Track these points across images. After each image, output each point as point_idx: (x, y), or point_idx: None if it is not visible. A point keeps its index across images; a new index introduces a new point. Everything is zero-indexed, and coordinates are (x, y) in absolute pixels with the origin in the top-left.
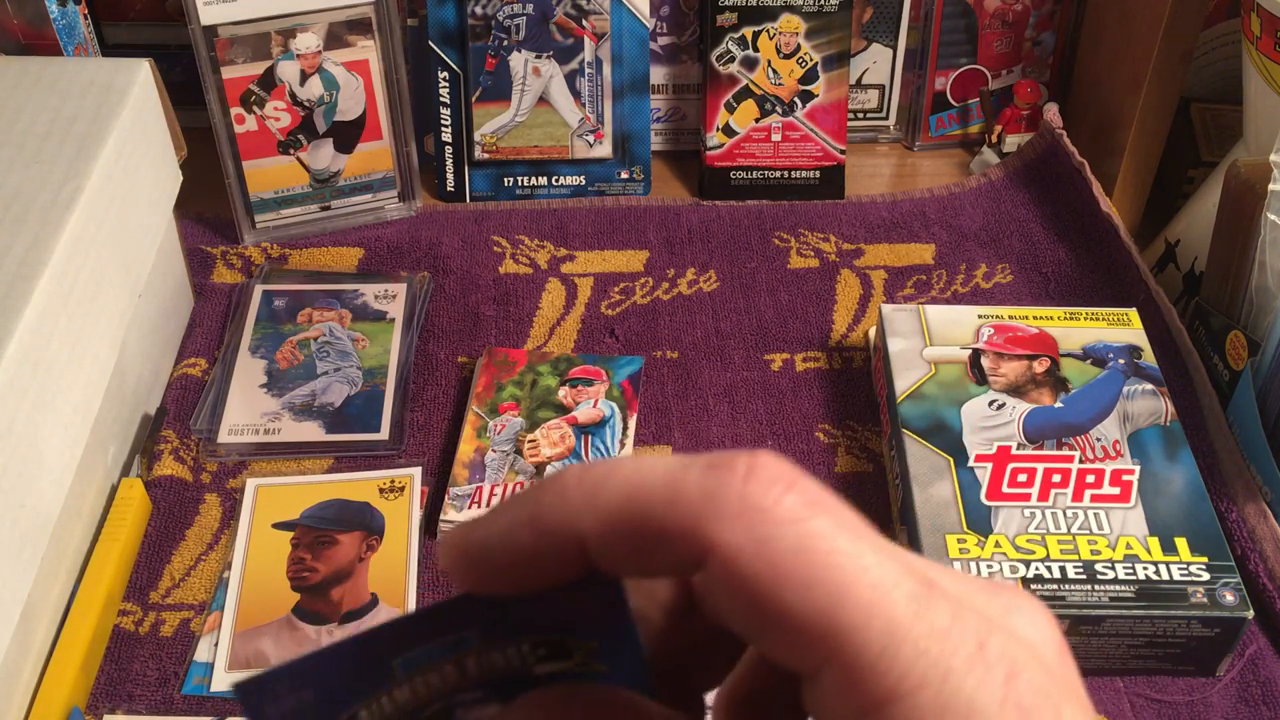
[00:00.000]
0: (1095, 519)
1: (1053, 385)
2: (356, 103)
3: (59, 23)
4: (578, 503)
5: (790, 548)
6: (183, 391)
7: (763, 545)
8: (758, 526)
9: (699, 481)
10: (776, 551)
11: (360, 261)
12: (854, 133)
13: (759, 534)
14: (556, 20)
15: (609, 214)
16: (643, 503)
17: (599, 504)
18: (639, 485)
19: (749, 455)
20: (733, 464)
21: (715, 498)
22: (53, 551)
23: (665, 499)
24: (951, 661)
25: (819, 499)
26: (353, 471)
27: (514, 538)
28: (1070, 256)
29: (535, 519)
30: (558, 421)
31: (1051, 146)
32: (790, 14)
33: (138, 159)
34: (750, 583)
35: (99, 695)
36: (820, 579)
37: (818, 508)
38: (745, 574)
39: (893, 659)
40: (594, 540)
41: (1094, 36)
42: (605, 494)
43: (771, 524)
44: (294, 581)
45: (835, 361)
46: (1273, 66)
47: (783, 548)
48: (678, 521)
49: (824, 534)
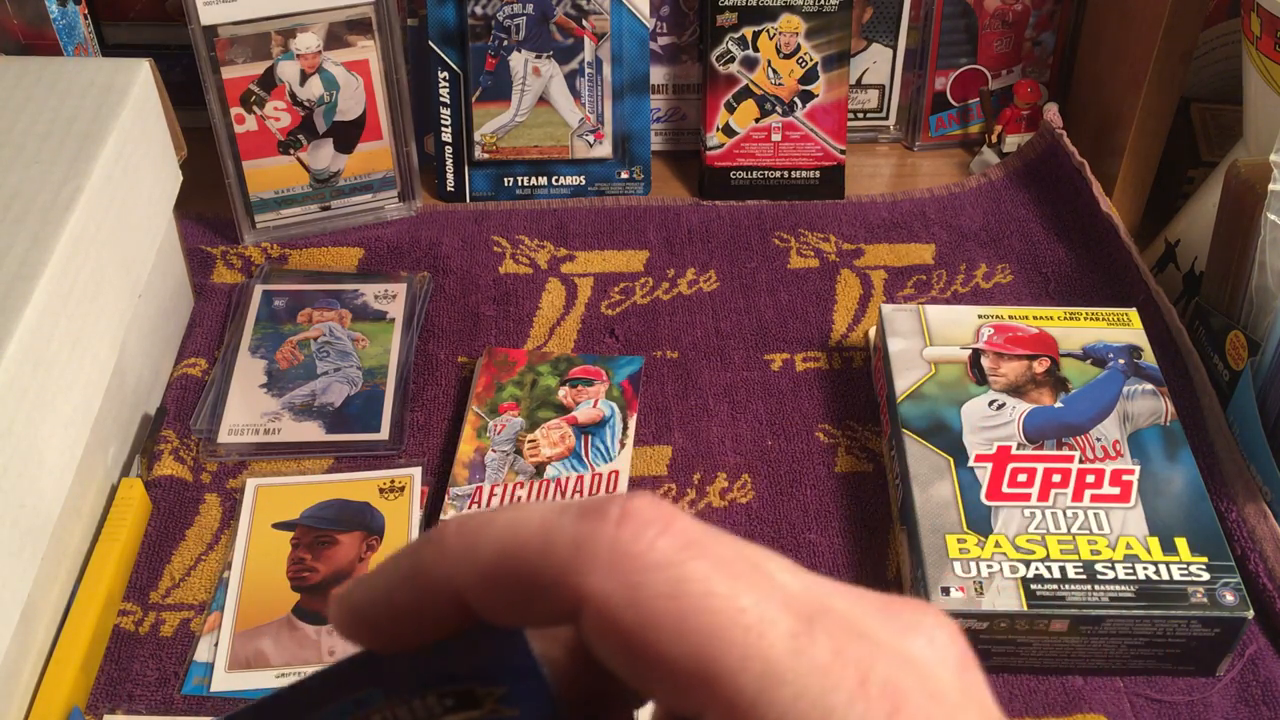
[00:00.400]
0: (1095, 519)
1: (1053, 385)
2: (356, 103)
3: (59, 23)
4: (455, 556)
5: (662, 593)
6: (183, 391)
7: (634, 592)
8: (629, 574)
9: (571, 530)
10: (648, 598)
11: (360, 261)
12: (854, 133)
13: (630, 581)
14: (556, 20)
15: (609, 214)
16: (517, 554)
17: (475, 557)
18: (513, 537)
19: (623, 500)
20: (605, 510)
21: (585, 546)
22: (53, 551)
23: (538, 550)
24: (832, 699)
25: (695, 540)
26: (353, 471)
27: (393, 597)
28: (1070, 256)
29: (414, 575)
30: (558, 421)
31: (1051, 146)
32: (790, 14)
33: (138, 159)
34: (623, 631)
35: (99, 695)
36: (693, 624)
37: (693, 550)
38: (617, 622)
39: (769, 703)
40: (471, 594)
41: (1094, 36)
42: (481, 547)
43: (642, 570)
44: (294, 581)
45: (835, 361)
46: (1273, 66)
47: (654, 594)
48: (549, 573)
49: (698, 578)
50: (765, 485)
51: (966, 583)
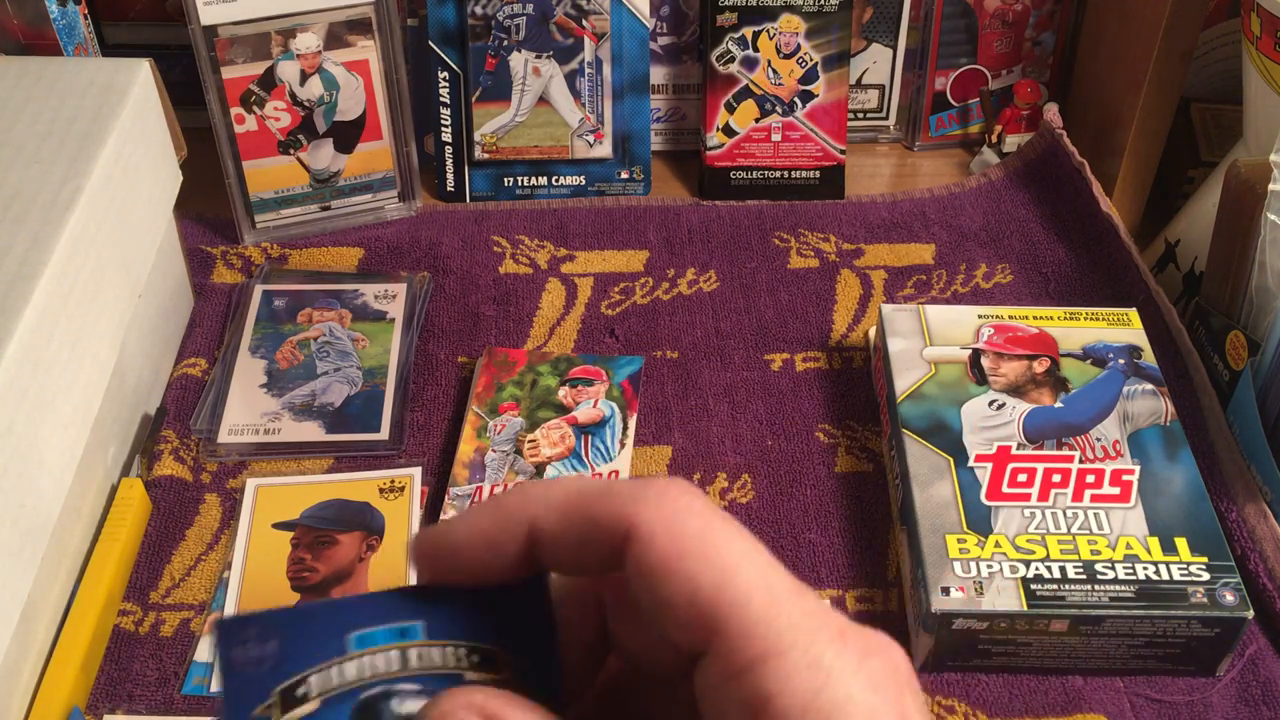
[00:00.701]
0: (1095, 519)
1: (1053, 385)
2: (356, 103)
3: (59, 23)
4: (533, 494)
5: (694, 532)
6: (183, 391)
7: (672, 527)
8: (670, 513)
9: (628, 483)
10: (683, 532)
11: (360, 261)
12: (854, 133)
13: (670, 518)
14: (556, 20)
15: (609, 214)
16: (584, 492)
17: (549, 494)
18: (581, 483)
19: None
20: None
21: (638, 492)
22: (53, 551)
23: (601, 491)
24: (817, 634)
25: (724, 515)
26: (353, 471)
27: (475, 521)
28: (1070, 256)
29: (496, 508)
30: (558, 421)
31: (1051, 146)
32: (790, 14)
33: (138, 159)
34: (660, 554)
35: (99, 695)
36: (715, 558)
37: (720, 515)
38: (658, 547)
39: (769, 624)
40: (543, 523)
41: (1094, 36)
42: (554, 489)
43: (682, 512)
44: (294, 581)
45: (835, 361)
46: (1273, 66)
47: (688, 531)
48: (609, 507)
49: (722, 530)
50: (765, 485)
51: (966, 583)
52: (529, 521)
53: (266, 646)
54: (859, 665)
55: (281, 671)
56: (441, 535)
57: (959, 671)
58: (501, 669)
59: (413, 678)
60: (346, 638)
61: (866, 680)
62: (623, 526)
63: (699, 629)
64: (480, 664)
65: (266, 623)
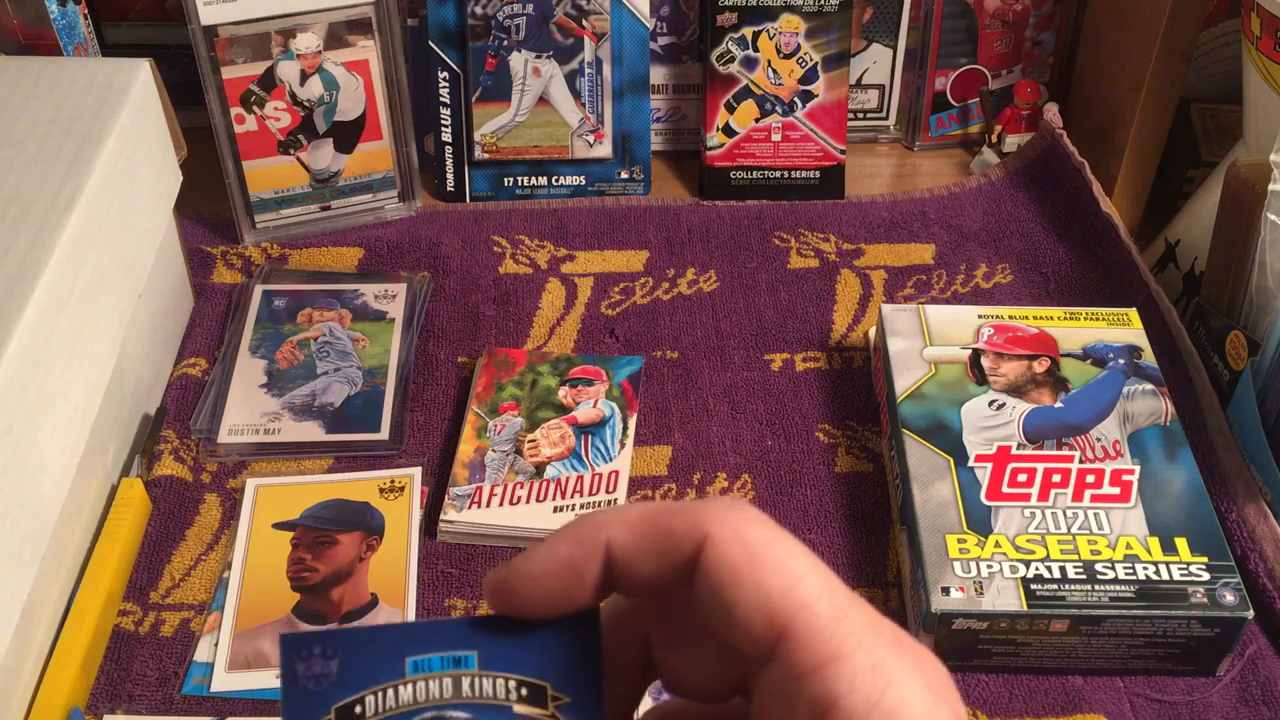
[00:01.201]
0: (1095, 519)
1: (1053, 385)
2: (356, 103)
3: (59, 23)
4: (607, 517)
5: (762, 541)
6: (183, 391)
7: (743, 537)
8: (740, 525)
9: (696, 500)
10: (753, 542)
11: (360, 261)
12: (854, 133)
13: (741, 529)
14: (556, 20)
15: (609, 214)
16: (657, 510)
17: (624, 516)
18: (653, 504)
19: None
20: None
21: (709, 507)
22: (53, 551)
23: (673, 509)
24: (877, 639)
25: (784, 529)
26: (353, 471)
27: (557, 550)
28: (1070, 256)
29: (574, 533)
30: (558, 421)
31: (1051, 146)
32: (790, 14)
33: (138, 159)
34: (733, 563)
35: (99, 695)
36: (784, 566)
37: (782, 529)
38: (730, 556)
39: (835, 628)
40: (619, 542)
41: (1094, 36)
42: (628, 510)
43: (750, 523)
44: (294, 581)
45: (835, 361)
46: (1273, 66)
47: (757, 540)
48: (683, 521)
49: (787, 542)
50: (765, 485)
51: (966, 583)
52: (606, 542)
53: (329, 664)
54: (917, 669)
55: (340, 689)
56: (519, 569)
57: (959, 671)
58: (549, 704)
59: (464, 705)
60: (405, 662)
61: (925, 682)
62: (696, 537)
63: (769, 633)
64: (528, 697)
65: (330, 641)
